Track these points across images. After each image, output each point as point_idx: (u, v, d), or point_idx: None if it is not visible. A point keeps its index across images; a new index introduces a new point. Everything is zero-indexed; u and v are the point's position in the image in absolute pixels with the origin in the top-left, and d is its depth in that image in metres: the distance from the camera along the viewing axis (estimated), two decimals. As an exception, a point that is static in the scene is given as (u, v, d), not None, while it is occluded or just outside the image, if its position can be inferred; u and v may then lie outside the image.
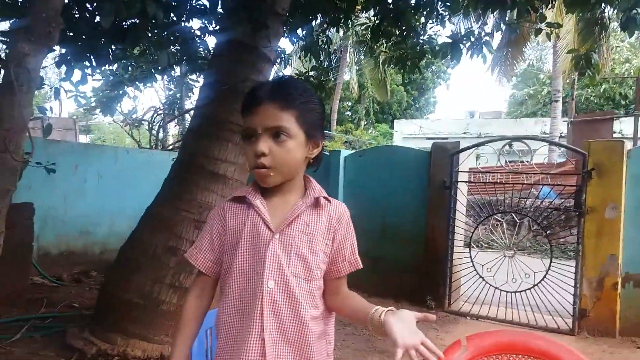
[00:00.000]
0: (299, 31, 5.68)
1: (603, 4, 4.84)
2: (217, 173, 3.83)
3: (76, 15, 4.14)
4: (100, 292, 4.04)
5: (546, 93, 27.61)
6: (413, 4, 5.34)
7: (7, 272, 4.59)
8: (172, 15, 4.43)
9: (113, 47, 4.81)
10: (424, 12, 5.48)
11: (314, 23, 5.79)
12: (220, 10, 4.28)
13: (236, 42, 3.95)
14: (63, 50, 4.45)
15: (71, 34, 4.10)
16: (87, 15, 4.16)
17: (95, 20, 4.12)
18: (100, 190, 7.08)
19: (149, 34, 4.49)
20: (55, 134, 9.40)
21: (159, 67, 6.01)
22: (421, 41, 5.65)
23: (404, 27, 5.51)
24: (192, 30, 4.66)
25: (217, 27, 4.36)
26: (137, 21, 4.02)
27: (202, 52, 5.51)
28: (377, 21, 5.59)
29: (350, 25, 6.76)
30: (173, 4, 4.29)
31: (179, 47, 5.03)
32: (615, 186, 5.06)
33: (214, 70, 4.11)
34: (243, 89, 3.88)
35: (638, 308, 4.97)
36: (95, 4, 4.04)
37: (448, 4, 5.19)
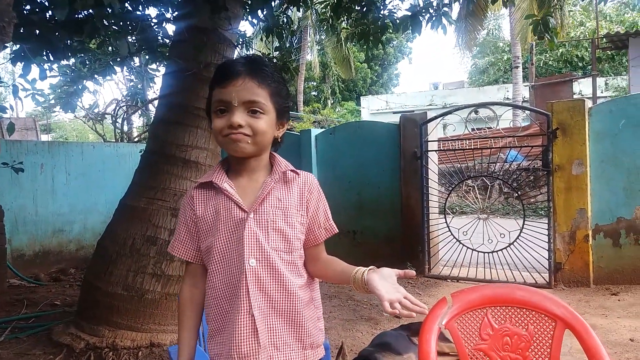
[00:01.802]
0: (259, 12, 5.61)
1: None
2: (188, 160, 3.81)
3: (27, 9, 3.99)
4: (83, 287, 4.00)
5: (506, 60, 28.02)
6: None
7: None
8: (127, 3, 4.32)
9: (69, 40, 4.67)
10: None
11: (273, 4, 5.72)
12: (177, -4, 4.20)
13: (196, 27, 3.89)
14: (16, 47, 4.29)
15: (22, 29, 3.95)
16: (38, 9, 4.02)
17: (49, 14, 3.99)
18: (70, 187, 6.96)
19: (106, 24, 4.37)
20: (15, 134, 9.13)
21: (118, 59, 5.87)
22: (381, 15, 5.65)
23: (363, 2, 5.50)
24: (150, 18, 4.55)
25: (175, 13, 4.27)
26: (93, 12, 3.90)
27: (162, 40, 5.40)
28: (337, -2, 5.56)
29: (310, 4, 6.71)
30: (129, -8, 4.18)
31: (137, 37, 4.92)
32: (579, 143, 5.22)
33: (175, 58, 4.04)
34: (207, 75, 3.85)
35: (609, 257, 5.18)
36: (47, -4, 3.91)
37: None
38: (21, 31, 3.88)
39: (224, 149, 1.44)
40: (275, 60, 5.62)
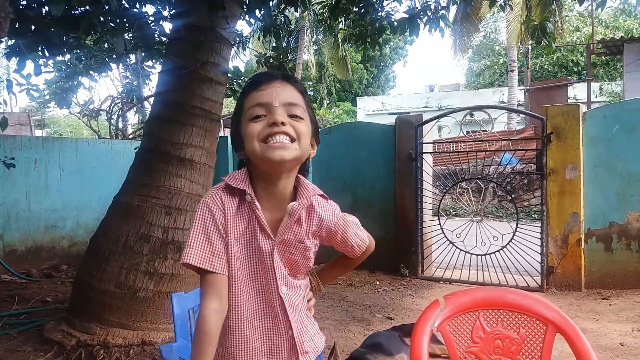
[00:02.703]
0: (257, 12, 5.60)
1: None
2: (183, 158, 3.80)
3: (23, 4, 3.97)
4: (75, 284, 3.98)
5: (502, 63, 28.11)
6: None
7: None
8: (124, 1, 4.31)
9: (65, 36, 4.65)
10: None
11: (271, 3, 5.72)
12: (175, -6, 4.19)
13: (193, 26, 3.88)
14: (11, 42, 4.27)
15: (18, 24, 3.93)
16: (34, 5, 4.00)
17: (45, 9, 3.97)
18: (63, 183, 6.93)
19: (103, 21, 4.36)
20: (9, 129, 9.09)
21: (114, 55, 5.85)
22: (379, 17, 5.66)
23: (361, 4, 5.51)
24: (147, 16, 4.54)
25: (173, 11, 4.26)
26: (89, 8, 3.88)
27: (158, 38, 5.40)
28: (335, -2, 5.57)
29: (307, 4, 6.71)
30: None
31: (134, 34, 4.90)
32: (573, 148, 5.25)
33: (172, 55, 4.03)
34: (203, 73, 3.85)
35: (601, 262, 5.22)
36: (43, -8, 3.89)
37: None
38: (17, 26, 3.86)
39: (260, 159, 1.27)
40: (272, 61, 5.63)
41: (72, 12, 3.95)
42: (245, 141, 1.28)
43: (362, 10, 5.60)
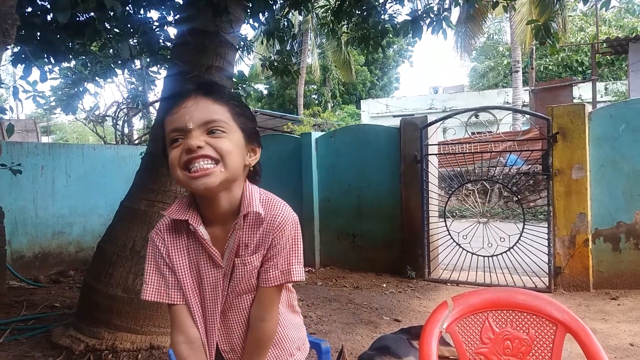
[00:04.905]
0: (261, 16, 5.62)
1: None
2: (190, 162, 3.80)
3: (29, 11, 4.00)
4: (82, 289, 3.99)
5: (506, 64, 28.04)
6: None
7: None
8: (129, 6, 4.33)
9: (71, 42, 4.67)
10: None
11: (275, 7, 5.74)
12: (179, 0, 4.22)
13: (197, 30, 3.89)
14: (17, 49, 4.30)
15: (24, 31, 3.96)
16: (40, 12, 4.02)
17: (50, 16, 4.00)
18: (70, 189, 6.97)
19: (108, 27, 4.38)
20: (15, 136, 9.15)
21: (120, 61, 5.88)
22: (382, 20, 5.67)
23: (364, 7, 5.51)
24: (152, 21, 4.56)
25: (177, 16, 4.28)
26: (94, 15, 3.91)
27: (163, 43, 5.43)
28: (338, 2, 5.58)
29: (311, 8, 6.72)
30: (131, -5, 4.19)
31: (139, 39, 4.93)
32: (579, 147, 5.23)
33: (177, 60, 4.05)
34: (208, 77, 3.85)
35: (609, 262, 5.19)
36: (48, -1, 3.91)
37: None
38: (23, 33, 3.88)
39: (188, 188, 1.23)
40: (276, 64, 5.64)
41: (78, 19, 3.98)
42: (170, 169, 1.24)
43: (365, 13, 5.60)
